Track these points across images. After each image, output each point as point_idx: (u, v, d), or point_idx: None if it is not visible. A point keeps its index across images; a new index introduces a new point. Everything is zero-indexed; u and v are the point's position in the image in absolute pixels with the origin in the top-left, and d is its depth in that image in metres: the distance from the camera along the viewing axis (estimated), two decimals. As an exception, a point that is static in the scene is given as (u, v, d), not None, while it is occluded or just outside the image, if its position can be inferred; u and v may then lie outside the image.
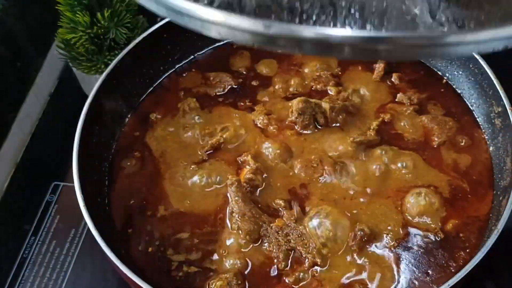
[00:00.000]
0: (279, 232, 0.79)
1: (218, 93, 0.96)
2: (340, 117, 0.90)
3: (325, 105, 0.90)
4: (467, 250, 0.78)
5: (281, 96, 0.95)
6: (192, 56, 1.00)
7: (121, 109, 0.93)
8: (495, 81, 0.84)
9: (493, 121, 0.86)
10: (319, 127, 0.90)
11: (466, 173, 0.85)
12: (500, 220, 0.73)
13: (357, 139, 0.87)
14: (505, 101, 0.82)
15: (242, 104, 0.94)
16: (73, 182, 0.79)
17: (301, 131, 0.90)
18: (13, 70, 1.06)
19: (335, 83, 0.95)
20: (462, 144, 0.88)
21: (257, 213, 0.81)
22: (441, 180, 0.84)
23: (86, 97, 0.87)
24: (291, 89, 0.95)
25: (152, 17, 1.11)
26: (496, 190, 0.82)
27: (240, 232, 0.80)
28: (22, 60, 1.08)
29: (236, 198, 0.81)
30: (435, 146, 0.88)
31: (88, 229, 0.75)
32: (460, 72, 0.92)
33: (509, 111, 0.81)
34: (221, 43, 1.01)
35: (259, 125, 0.91)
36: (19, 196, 1.07)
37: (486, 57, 0.87)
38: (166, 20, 0.95)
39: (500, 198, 0.79)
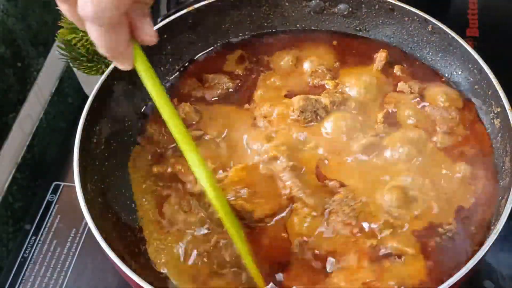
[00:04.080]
0: (342, 203, 0.80)
1: (216, 96, 0.95)
2: (342, 109, 0.90)
3: (325, 100, 0.90)
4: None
5: (280, 94, 0.95)
6: (192, 58, 1.00)
7: (121, 109, 0.93)
8: (494, 81, 0.84)
9: (492, 121, 0.86)
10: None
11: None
12: (499, 219, 0.73)
13: (363, 142, 0.87)
14: (504, 102, 0.82)
15: (242, 105, 0.94)
16: (73, 182, 0.79)
17: (305, 125, 0.90)
18: (14, 70, 1.06)
19: (332, 76, 0.95)
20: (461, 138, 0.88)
21: (317, 189, 0.82)
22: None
23: (87, 97, 0.87)
24: (289, 87, 0.95)
25: (153, 18, 1.12)
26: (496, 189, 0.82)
27: (305, 209, 0.80)
28: (22, 61, 1.09)
29: (294, 179, 0.82)
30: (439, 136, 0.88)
31: (89, 228, 0.75)
32: (459, 72, 0.92)
33: (508, 111, 0.81)
34: (220, 43, 1.01)
35: (260, 126, 0.91)
36: (20, 196, 1.08)
37: (486, 57, 0.87)
38: (167, 20, 0.95)
39: (500, 198, 0.79)
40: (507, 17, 1.20)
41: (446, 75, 0.94)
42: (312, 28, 1.02)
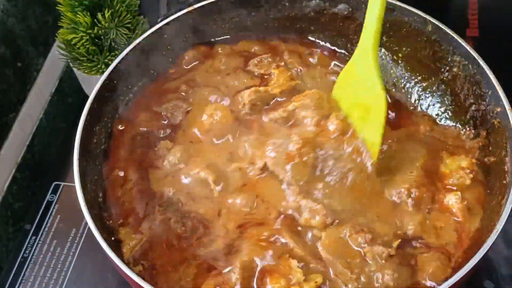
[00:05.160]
0: None
1: (181, 120, 0.92)
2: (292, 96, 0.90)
3: (275, 90, 0.90)
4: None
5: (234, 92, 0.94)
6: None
7: (121, 109, 0.93)
8: (494, 81, 0.84)
9: (492, 121, 0.86)
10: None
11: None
12: (499, 219, 0.73)
13: None
14: (504, 102, 0.82)
15: None
16: (73, 182, 0.79)
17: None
18: (14, 70, 1.06)
19: (277, 65, 0.95)
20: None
21: None
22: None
23: (87, 97, 0.87)
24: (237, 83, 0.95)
25: (153, 18, 1.12)
26: (495, 190, 0.82)
27: None
28: (23, 61, 1.09)
29: None
30: None
31: (89, 228, 0.75)
32: (459, 73, 0.92)
33: (508, 111, 0.81)
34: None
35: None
36: (20, 196, 1.08)
37: (486, 57, 0.87)
38: (167, 20, 0.95)
39: (500, 198, 0.79)
40: (507, 17, 1.20)
41: (446, 74, 0.94)
42: (312, 28, 1.02)
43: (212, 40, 1.01)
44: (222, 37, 1.01)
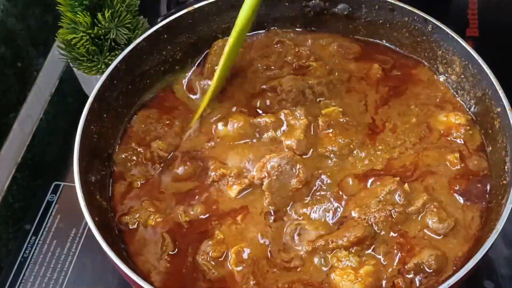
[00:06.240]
0: None
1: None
2: (327, 90, 0.91)
3: (312, 80, 0.91)
4: (467, 250, 0.78)
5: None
6: (191, 58, 1.00)
7: (121, 109, 0.93)
8: (494, 81, 0.84)
9: (492, 121, 0.86)
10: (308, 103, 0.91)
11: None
12: (499, 219, 0.73)
13: None
14: (504, 102, 0.82)
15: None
16: (73, 182, 0.79)
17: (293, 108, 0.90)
18: (14, 70, 1.06)
19: (315, 58, 0.96)
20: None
21: None
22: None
23: (87, 97, 0.87)
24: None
25: (153, 18, 1.12)
26: (495, 190, 0.82)
27: None
28: (23, 61, 1.09)
29: None
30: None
31: (89, 229, 0.75)
32: (459, 73, 0.92)
33: (508, 111, 0.81)
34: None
35: None
36: (20, 196, 1.08)
37: (486, 57, 0.87)
38: (167, 20, 0.95)
39: (500, 198, 0.79)
40: (507, 17, 1.21)
41: (446, 74, 0.94)
42: (313, 28, 1.02)
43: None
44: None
